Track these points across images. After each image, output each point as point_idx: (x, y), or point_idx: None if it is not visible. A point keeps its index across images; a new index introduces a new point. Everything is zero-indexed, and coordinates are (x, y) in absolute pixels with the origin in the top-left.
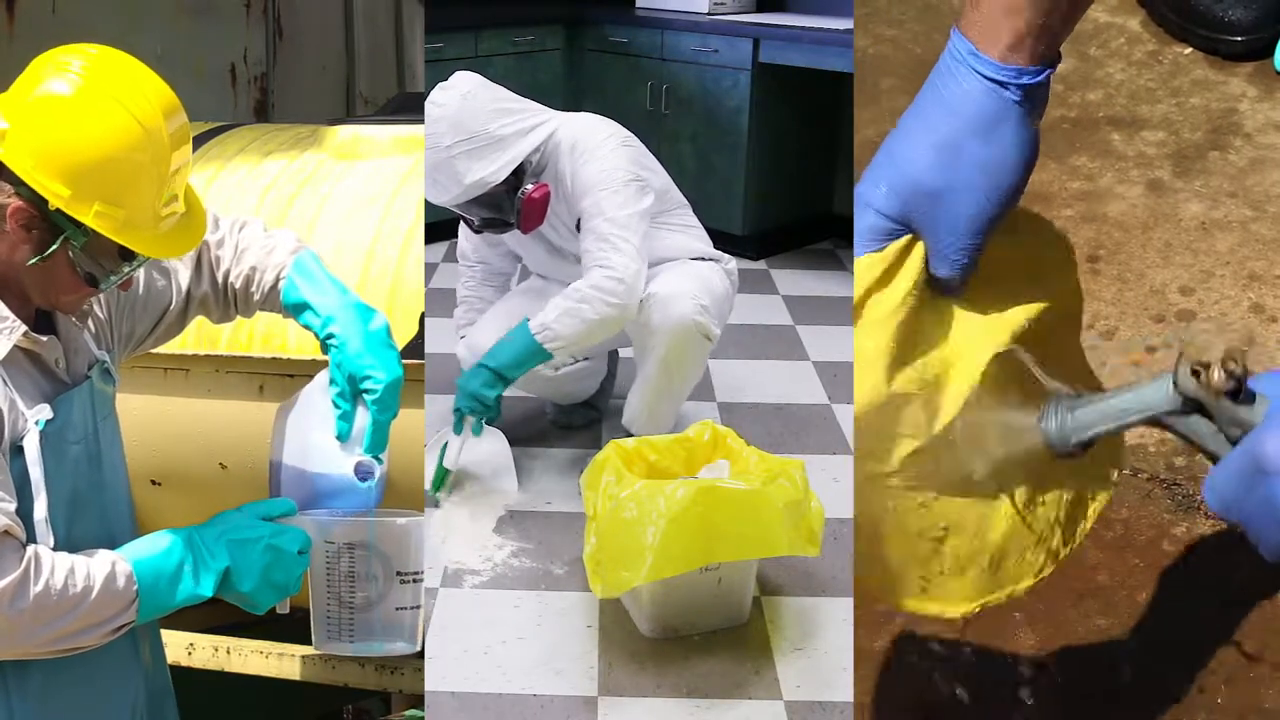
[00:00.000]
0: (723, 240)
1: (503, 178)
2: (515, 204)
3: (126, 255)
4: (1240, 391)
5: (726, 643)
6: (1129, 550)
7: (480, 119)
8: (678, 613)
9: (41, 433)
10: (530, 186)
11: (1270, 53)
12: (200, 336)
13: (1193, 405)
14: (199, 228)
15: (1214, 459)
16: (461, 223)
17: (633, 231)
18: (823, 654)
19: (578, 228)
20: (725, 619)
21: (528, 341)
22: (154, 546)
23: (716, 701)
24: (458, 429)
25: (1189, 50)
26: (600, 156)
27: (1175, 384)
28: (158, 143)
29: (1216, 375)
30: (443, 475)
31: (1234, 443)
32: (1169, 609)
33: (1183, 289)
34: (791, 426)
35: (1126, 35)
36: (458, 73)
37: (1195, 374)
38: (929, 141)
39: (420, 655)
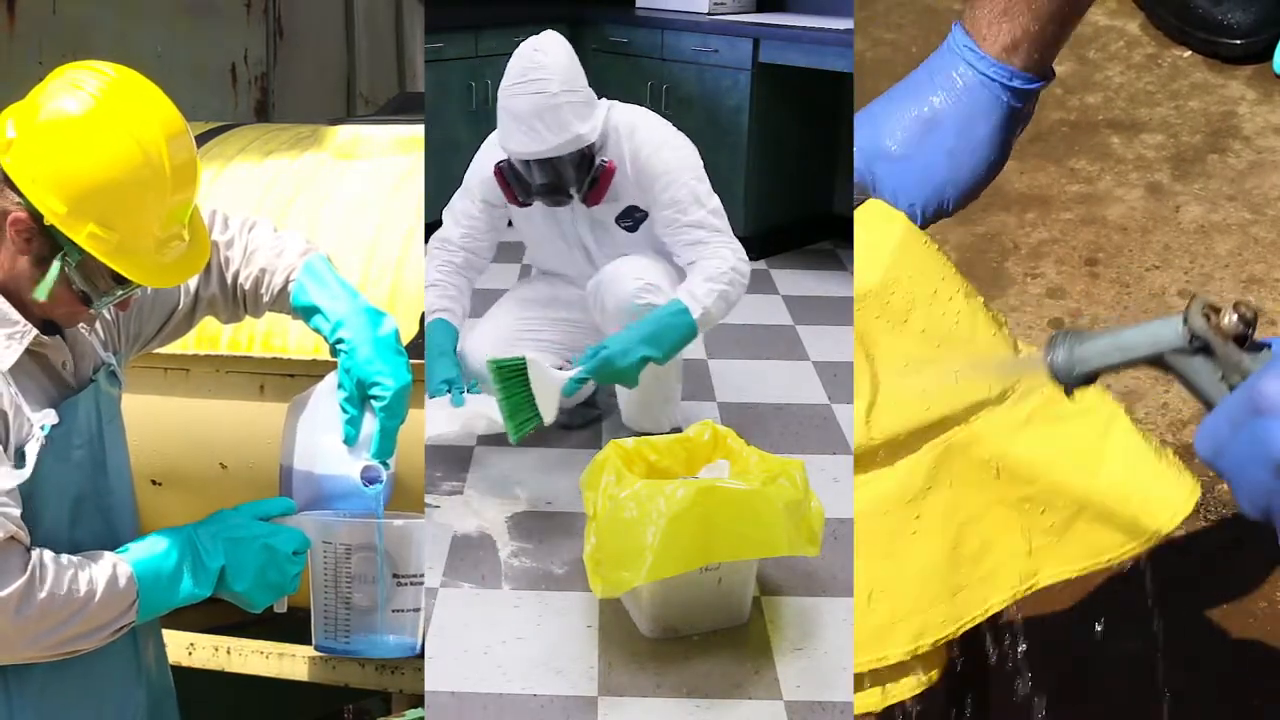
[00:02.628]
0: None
1: (595, 138)
2: (593, 172)
3: (120, 279)
4: (1247, 339)
5: (726, 643)
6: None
7: (582, 77)
8: (678, 613)
9: (46, 437)
10: (605, 159)
11: (1269, 56)
12: (200, 337)
13: (1199, 346)
14: (199, 259)
15: (1209, 405)
16: (454, 209)
17: (726, 221)
18: (823, 654)
19: (625, 215)
20: (725, 619)
21: (690, 326)
22: (153, 547)
23: (716, 701)
24: (569, 391)
25: (1188, 53)
26: (675, 146)
27: (1185, 322)
28: (159, 172)
29: (1227, 318)
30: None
31: (1233, 390)
32: (1168, 610)
33: (1182, 292)
34: (791, 426)
35: (1125, 38)
36: (550, 31)
37: (1206, 316)
38: (909, 112)
39: (420, 655)
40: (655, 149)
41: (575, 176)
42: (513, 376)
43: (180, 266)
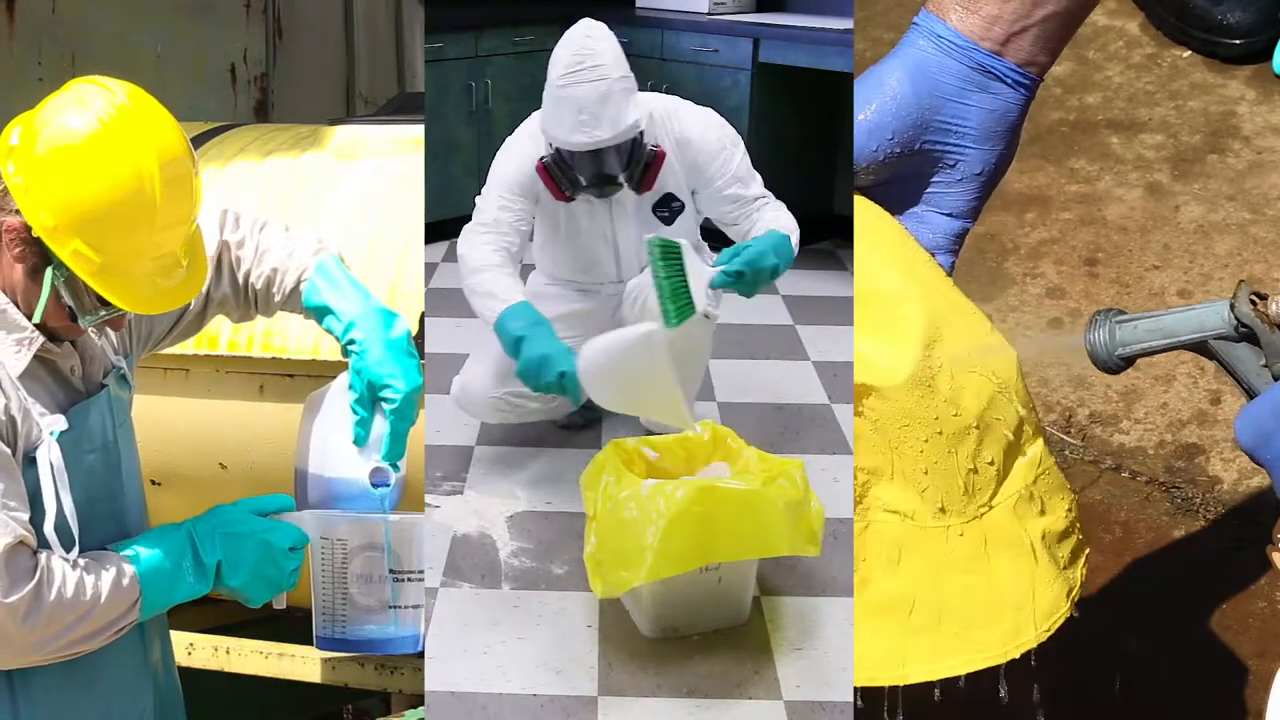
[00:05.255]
0: (722, 238)
1: (645, 123)
2: (644, 159)
3: (104, 300)
4: None
5: (726, 643)
6: (1127, 553)
7: (626, 61)
8: (678, 613)
9: (56, 443)
10: (654, 144)
11: (1269, 56)
12: (200, 336)
13: (1244, 334)
14: (193, 288)
15: (1251, 393)
16: (493, 197)
17: None
18: (823, 654)
19: (662, 204)
20: (725, 619)
21: (791, 251)
22: (153, 544)
23: (716, 701)
24: (717, 283)
25: (1187, 53)
26: (721, 124)
27: (1232, 309)
28: (150, 203)
29: (1275, 306)
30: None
31: (1278, 379)
32: (1168, 612)
33: (1181, 292)
34: (791, 426)
35: (1125, 38)
36: (588, 19)
37: (1253, 303)
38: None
39: (420, 655)
40: (704, 128)
41: (627, 165)
42: (672, 258)
43: (172, 294)
